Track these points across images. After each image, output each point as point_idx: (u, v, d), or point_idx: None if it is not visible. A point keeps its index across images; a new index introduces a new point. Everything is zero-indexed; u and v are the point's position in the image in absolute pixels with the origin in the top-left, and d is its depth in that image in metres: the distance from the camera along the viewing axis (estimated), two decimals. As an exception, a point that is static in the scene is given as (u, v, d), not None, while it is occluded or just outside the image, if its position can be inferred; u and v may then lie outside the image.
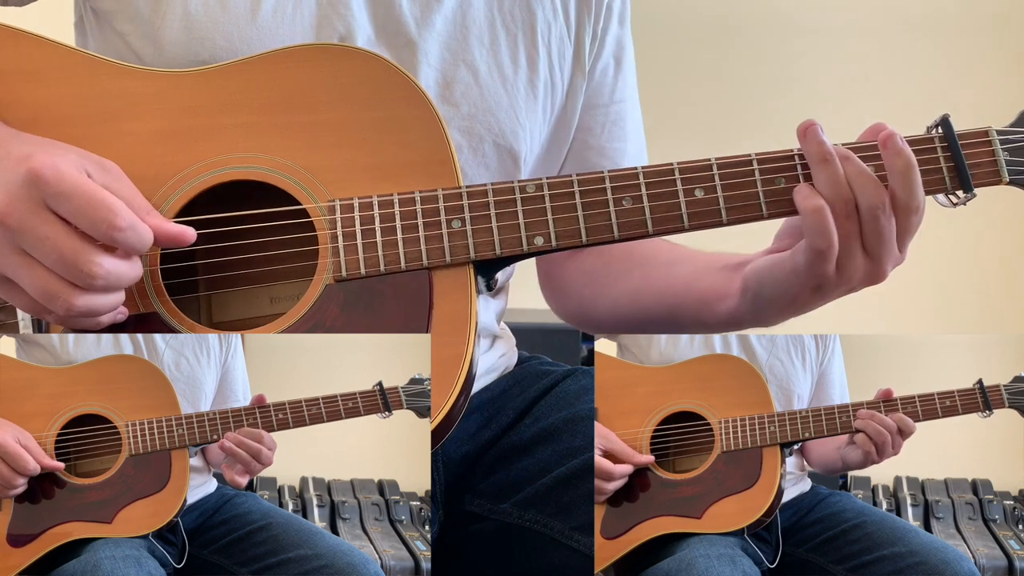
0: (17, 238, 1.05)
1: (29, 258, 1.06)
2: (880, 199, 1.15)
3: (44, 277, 1.06)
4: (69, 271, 1.05)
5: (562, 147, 1.46)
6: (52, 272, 1.05)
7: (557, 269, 1.50)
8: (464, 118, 1.34)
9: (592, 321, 1.49)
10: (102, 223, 1.05)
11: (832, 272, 1.17)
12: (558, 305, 1.53)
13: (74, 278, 1.05)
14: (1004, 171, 1.20)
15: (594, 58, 1.45)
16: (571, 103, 1.44)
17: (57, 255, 1.05)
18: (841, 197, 1.16)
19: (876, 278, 1.19)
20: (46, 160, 1.05)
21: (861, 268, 1.18)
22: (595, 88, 1.46)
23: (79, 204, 1.04)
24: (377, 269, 1.16)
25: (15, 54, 1.19)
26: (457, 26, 1.35)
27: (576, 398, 1.36)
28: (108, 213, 1.05)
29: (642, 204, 1.18)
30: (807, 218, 1.16)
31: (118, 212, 1.05)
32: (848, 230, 1.16)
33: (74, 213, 1.05)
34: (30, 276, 1.06)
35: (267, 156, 1.18)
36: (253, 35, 1.26)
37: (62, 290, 1.05)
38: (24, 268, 1.06)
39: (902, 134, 1.18)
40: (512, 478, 1.32)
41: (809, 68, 3.13)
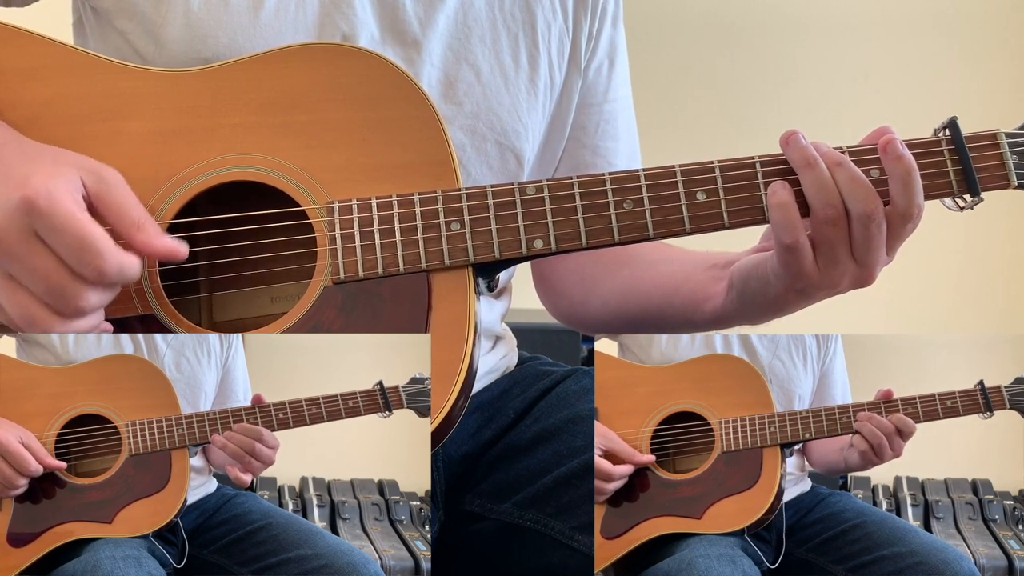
0: (5, 264, 1.05)
1: (14, 282, 1.05)
2: (873, 206, 1.14)
3: (27, 303, 1.05)
4: (56, 302, 1.05)
5: (558, 146, 1.46)
6: (36, 299, 1.05)
7: (549, 270, 1.51)
8: (467, 117, 1.34)
9: (583, 321, 1.50)
10: (88, 265, 1.04)
11: (812, 272, 1.17)
12: (551, 305, 1.53)
13: (60, 309, 1.05)
14: (1012, 175, 1.19)
15: (589, 57, 1.46)
16: (567, 102, 1.45)
17: (45, 286, 1.04)
18: (826, 202, 1.15)
19: (864, 282, 1.18)
20: (40, 187, 1.03)
21: (848, 273, 1.17)
22: (589, 87, 1.47)
23: (68, 241, 1.03)
24: (375, 271, 1.16)
25: (15, 53, 1.19)
26: (459, 25, 1.35)
27: (576, 398, 1.36)
28: (95, 257, 1.03)
29: (643, 207, 1.17)
30: (771, 213, 1.16)
31: (104, 256, 1.04)
32: (833, 236, 1.15)
33: (64, 249, 1.03)
34: (13, 300, 1.05)
35: (266, 156, 1.18)
36: (255, 34, 1.26)
37: (43, 317, 1.05)
38: (7, 291, 1.05)
39: (907, 137, 1.18)
40: (512, 478, 1.32)
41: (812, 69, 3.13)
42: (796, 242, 1.15)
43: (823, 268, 1.16)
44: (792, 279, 1.18)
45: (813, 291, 1.19)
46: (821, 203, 1.15)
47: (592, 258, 1.44)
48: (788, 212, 1.15)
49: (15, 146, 1.12)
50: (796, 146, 1.17)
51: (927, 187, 1.18)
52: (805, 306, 1.23)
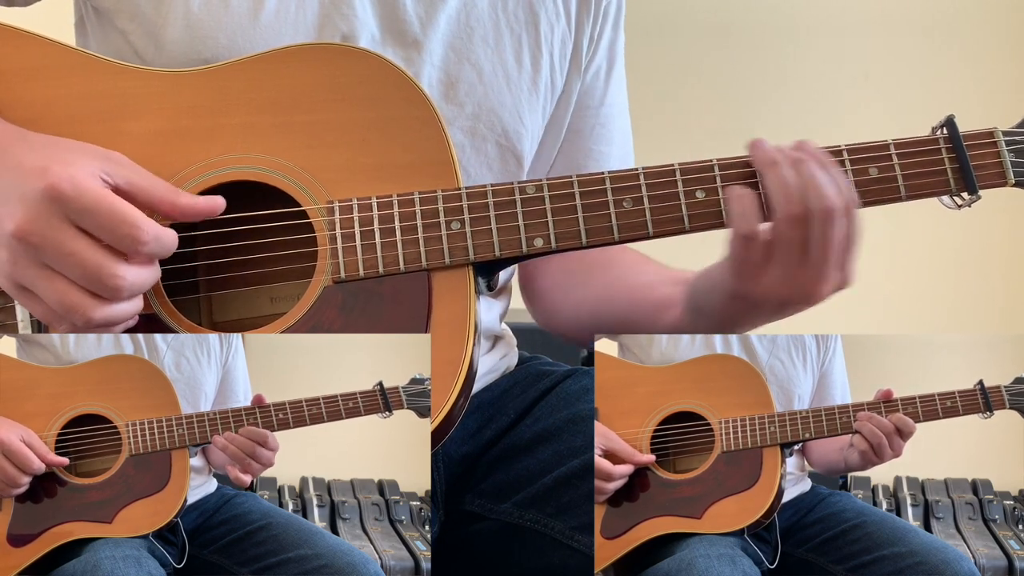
0: (40, 254, 1.06)
1: (50, 271, 1.06)
2: (829, 201, 1.14)
3: (65, 290, 1.06)
4: (93, 284, 1.06)
5: (553, 148, 1.46)
6: (73, 284, 1.06)
7: (528, 277, 1.51)
8: (468, 118, 1.34)
9: (559, 326, 1.50)
10: (126, 238, 1.06)
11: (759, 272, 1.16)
12: (533, 310, 1.54)
13: (99, 291, 1.06)
14: (1009, 173, 1.20)
15: (589, 61, 1.46)
16: (566, 104, 1.45)
17: (81, 270, 1.05)
18: (787, 199, 1.14)
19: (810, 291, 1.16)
20: (62, 173, 1.05)
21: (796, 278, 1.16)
22: (586, 90, 1.47)
23: (102, 220, 1.05)
24: (376, 271, 1.16)
25: (16, 54, 1.19)
26: (461, 26, 1.35)
27: (576, 398, 1.36)
28: (132, 228, 1.06)
29: (643, 206, 1.18)
30: (730, 204, 1.16)
31: (141, 225, 1.06)
32: (788, 234, 1.14)
33: (98, 228, 1.05)
34: (51, 289, 1.06)
35: (266, 156, 1.18)
36: (255, 34, 1.26)
37: (82, 302, 1.06)
38: (44, 280, 1.06)
39: (901, 134, 1.18)
40: (512, 478, 1.32)
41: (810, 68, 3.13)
42: (752, 231, 1.15)
43: (770, 269, 1.16)
44: (738, 279, 1.17)
45: (763, 296, 1.17)
46: (782, 201, 1.15)
47: (567, 266, 1.45)
48: (745, 202, 1.15)
49: (21, 142, 1.12)
50: (760, 148, 1.18)
51: (925, 185, 1.19)
52: (753, 320, 1.24)
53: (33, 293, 1.08)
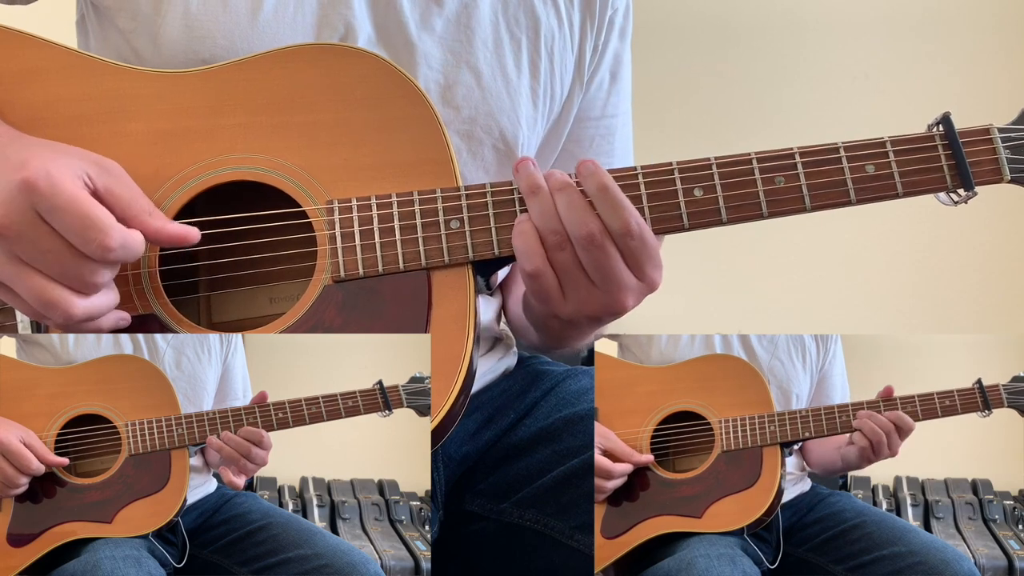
0: (15, 248, 1.05)
1: (26, 267, 1.06)
2: (586, 228, 1.13)
3: (42, 286, 1.06)
4: (71, 280, 1.06)
5: (550, 156, 1.46)
6: (50, 279, 1.05)
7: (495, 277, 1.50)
8: (464, 121, 1.34)
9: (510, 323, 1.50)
10: (92, 243, 1.04)
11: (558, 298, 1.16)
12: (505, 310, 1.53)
13: (77, 287, 1.06)
14: (1005, 169, 1.20)
15: (592, 70, 1.45)
16: (567, 113, 1.44)
17: (59, 268, 1.05)
18: (549, 228, 1.15)
19: (613, 307, 1.16)
20: (40, 169, 1.04)
21: (593, 299, 1.16)
22: (589, 100, 1.46)
23: (70, 221, 1.04)
24: (375, 270, 1.16)
25: (15, 55, 1.19)
26: (461, 28, 1.35)
27: (576, 398, 1.36)
28: (98, 234, 1.04)
29: (641, 204, 1.18)
30: (514, 241, 1.16)
31: (108, 231, 1.05)
32: (562, 260, 1.15)
33: (66, 229, 1.04)
34: (27, 285, 1.06)
35: (266, 156, 1.18)
36: (254, 35, 1.26)
37: (60, 297, 1.06)
38: (20, 276, 1.06)
39: (901, 133, 1.18)
40: (512, 478, 1.32)
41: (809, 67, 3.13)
42: (536, 269, 1.15)
43: (568, 294, 1.16)
44: (543, 304, 1.18)
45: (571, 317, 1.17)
46: (545, 229, 1.15)
47: None
48: (528, 240, 1.15)
49: (16, 142, 1.12)
50: (524, 173, 1.17)
51: (922, 182, 1.19)
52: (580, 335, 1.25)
53: (11, 290, 1.07)
